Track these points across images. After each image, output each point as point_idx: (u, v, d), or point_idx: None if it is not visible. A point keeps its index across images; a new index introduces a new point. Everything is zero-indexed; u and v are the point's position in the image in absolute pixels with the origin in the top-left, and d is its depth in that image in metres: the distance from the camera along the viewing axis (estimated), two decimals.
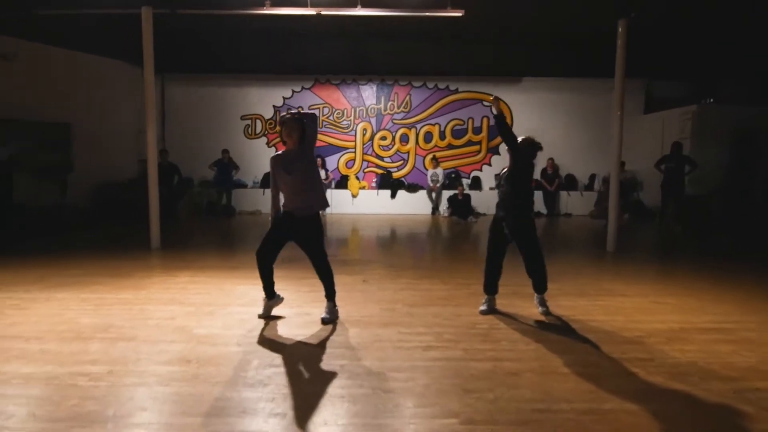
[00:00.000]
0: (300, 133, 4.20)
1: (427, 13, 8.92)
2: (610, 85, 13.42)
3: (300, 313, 4.51)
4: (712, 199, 10.81)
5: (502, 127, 4.22)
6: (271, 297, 4.48)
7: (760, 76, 12.20)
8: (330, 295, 4.41)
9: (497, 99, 4.36)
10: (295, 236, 4.31)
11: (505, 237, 4.46)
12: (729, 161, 11.37)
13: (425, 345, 3.72)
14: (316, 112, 13.35)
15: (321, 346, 3.71)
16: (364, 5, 8.65)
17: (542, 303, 4.55)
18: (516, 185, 4.36)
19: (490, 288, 4.62)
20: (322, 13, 8.73)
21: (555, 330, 4.11)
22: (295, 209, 4.21)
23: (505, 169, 4.50)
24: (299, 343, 3.78)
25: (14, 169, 8.86)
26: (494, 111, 4.30)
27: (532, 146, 4.43)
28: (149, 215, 7.85)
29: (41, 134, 10.33)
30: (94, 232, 9.32)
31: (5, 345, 3.63)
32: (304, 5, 8.64)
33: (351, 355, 3.51)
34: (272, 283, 4.42)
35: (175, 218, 11.38)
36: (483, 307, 4.57)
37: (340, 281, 5.55)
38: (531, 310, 4.61)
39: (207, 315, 4.40)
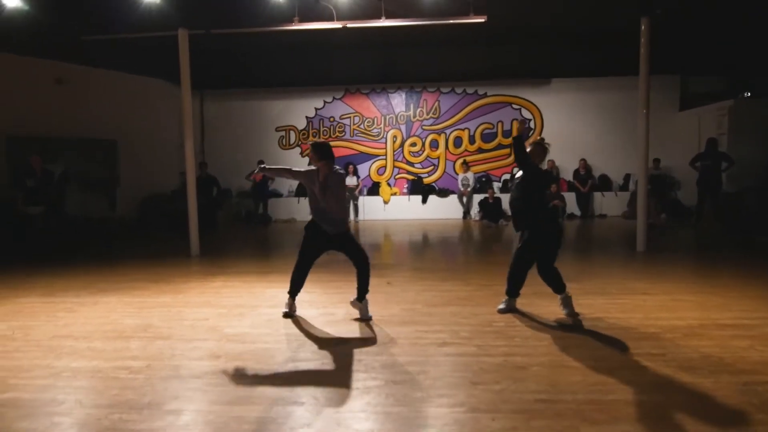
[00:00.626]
0: (320, 155, 4.45)
1: (450, 21, 9.10)
2: (638, 82, 13.36)
3: (324, 313, 4.74)
4: (748, 195, 10.48)
5: (516, 147, 4.42)
6: (294, 296, 4.74)
7: None
8: (363, 294, 4.58)
9: (522, 123, 4.50)
10: (332, 246, 4.59)
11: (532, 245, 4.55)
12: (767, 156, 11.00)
13: (440, 341, 3.88)
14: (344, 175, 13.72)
15: (341, 343, 3.92)
16: (388, 16, 8.91)
17: (566, 304, 4.53)
18: (525, 191, 4.49)
19: (513, 291, 4.72)
20: (348, 25, 9.05)
21: (569, 328, 4.19)
22: (327, 227, 4.48)
23: (519, 173, 4.62)
24: (321, 340, 4.00)
25: (67, 183, 9.50)
26: (514, 132, 4.47)
27: (542, 148, 4.53)
28: (189, 225, 8.28)
29: (91, 151, 11.05)
30: (139, 242, 9.88)
31: (57, 344, 4.00)
32: (330, 19, 8.97)
33: (368, 351, 3.71)
34: (300, 287, 4.75)
35: (214, 227, 11.90)
36: (501, 306, 4.68)
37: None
38: (549, 308, 4.69)
39: (237, 316, 4.69)
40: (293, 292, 4.78)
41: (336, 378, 3.27)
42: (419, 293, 5.37)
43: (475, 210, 12.96)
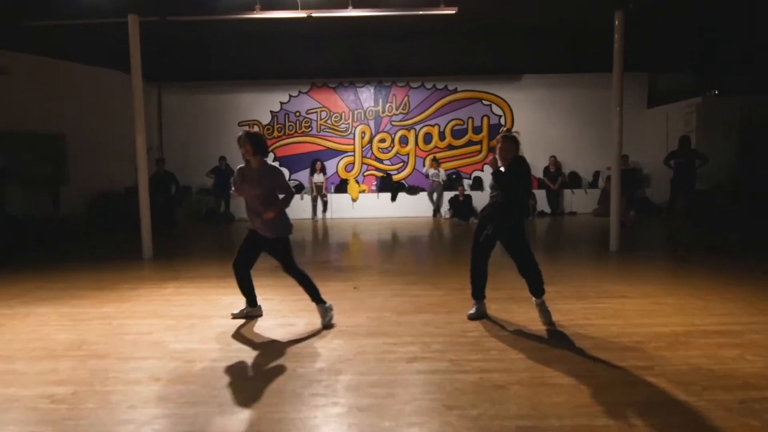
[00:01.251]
0: (257, 148, 4.12)
1: (419, 12, 8.75)
2: (609, 80, 13.31)
3: (284, 323, 4.33)
4: (719, 193, 10.51)
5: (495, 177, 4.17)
6: (254, 305, 4.50)
7: (765, 65, 11.88)
8: (318, 297, 4.33)
9: (495, 161, 4.20)
10: (266, 249, 4.34)
11: (489, 238, 4.24)
12: (736, 154, 11.06)
13: (410, 356, 3.52)
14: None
15: (300, 359, 3.52)
16: (356, 6, 8.49)
17: (543, 310, 4.27)
18: (507, 189, 4.16)
19: (478, 293, 4.42)
20: (313, 15, 8.60)
21: (549, 337, 3.90)
22: (258, 228, 4.26)
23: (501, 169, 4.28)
24: (278, 357, 3.59)
25: (6, 181, 8.77)
26: (492, 168, 4.18)
27: (514, 141, 4.21)
28: (140, 225, 7.72)
29: (36, 146, 10.28)
30: (88, 244, 9.22)
31: None
32: (294, 8, 8.50)
33: (331, 370, 3.32)
34: (253, 293, 4.46)
35: (172, 226, 11.28)
36: (471, 311, 4.37)
37: (330, 289, 5.40)
38: (526, 315, 4.40)
39: (186, 329, 4.23)
40: (248, 300, 4.47)
41: (292, 405, 2.87)
42: (387, 299, 5.01)
43: (445, 208, 12.69)
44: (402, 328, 4.13)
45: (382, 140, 13.47)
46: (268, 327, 4.24)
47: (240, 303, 4.69)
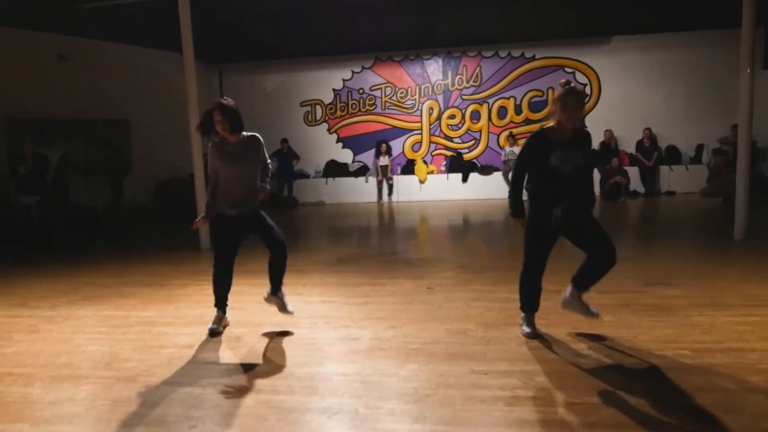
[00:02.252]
0: (236, 125, 3.58)
1: None
2: (716, 38, 11.59)
3: (345, 336, 3.57)
4: None
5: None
6: (222, 308, 3.84)
7: None
8: (280, 286, 3.84)
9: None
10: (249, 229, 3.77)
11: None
12: None
13: (509, 394, 2.65)
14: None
15: (365, 394, 2.75)
16: None
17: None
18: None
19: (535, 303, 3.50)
20: None
21: (692, 366, 2.89)
22: (235, 212, 3.67)
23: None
24: (338, 390, 2.84)
25: (67, 169, 8.64)
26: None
27: (577, 95, 3.23)
28: (198, 212, 7.25)
29: (100, 132, 10.16)
30: (149, 234, 8.97)
31: None
32: None
33: (403, 413, 2.52)
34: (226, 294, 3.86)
35: None
36: (527, 329, 3.44)
37: (398, 288, 4.62)
38: (651, 331, 3.39)
39: (232, 341, 3.58)
40: (220, 303, 3.82)
41: None
42: (469, 305, 4.14)
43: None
44: (492, 348, 3.26)
45: (452, 116, 12.44)
46: (326, 340, 3.50)
47: (301, 306, 4.00)
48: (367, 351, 3.29)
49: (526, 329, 3.45)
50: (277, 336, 3.63)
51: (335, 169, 12.55)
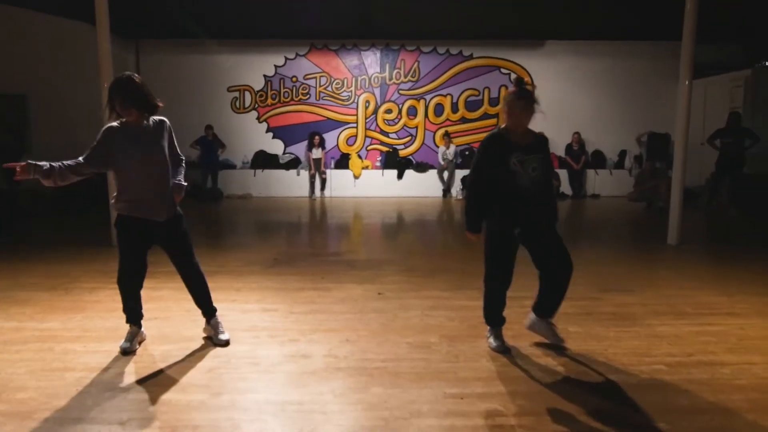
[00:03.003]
0: (130, 101, 2.89)
1: None
2: (643, 49, 12.16)
3: (294, 353, 3.11)
4: None
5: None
6: (140, 327, 3.27)
7: None
8: (212, 306, 3.34)
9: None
10: (158, 240, 3.16)
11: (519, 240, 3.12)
12: None
13: (493, 423, 2.34)
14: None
15: (325, 420, 2.32)
16: None
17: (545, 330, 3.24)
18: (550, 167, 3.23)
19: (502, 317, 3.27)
20: None
21: (672, 387, 2.74)
22: (146, 214, 3.01)
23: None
24: (289, 421, 2.39)
25: None
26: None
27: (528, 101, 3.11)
28: (111, 204, 6.41)
29: None
30: (50, 225, 7.91)
31: None
32: None
33: None
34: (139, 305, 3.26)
35: None
36: (495, 343, 3.19)
37: (349, 294, 4.22)
38: (625, 342, 3.24)
39: (156, 360, 3.00)
40: (132, 316, 3.22)
41: None
42: (427, 313, 3.82)
43: (457, 188, 11.49)
44: (462, 365, 2.95)
45: (389, 111, 12.14)
46: (273, 358, 3.03)
47: (236, 317, 3.49)
48: (322, 371, 2.86)
49: (494, 343, 3.18)
50: (211, 354, 3.10)
51: (264, 160, 11.85)
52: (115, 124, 2.98)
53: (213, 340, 3.27)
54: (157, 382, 2.75)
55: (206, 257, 5.52)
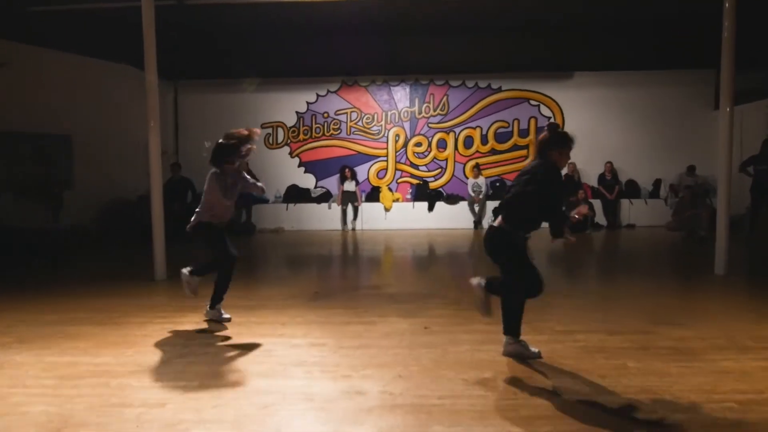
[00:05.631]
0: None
1: None
2: (674, 78, 12.12)
3: (348, 389, 3.07)
4: None
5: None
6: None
7: None
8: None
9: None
10: None
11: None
12: None
13: None
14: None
15: None
16: None
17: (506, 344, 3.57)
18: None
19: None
20: None
21: (751, 428, 2.61)
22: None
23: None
24: None
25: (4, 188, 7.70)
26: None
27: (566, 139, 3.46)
28: (153, 239, 6.56)
29: (39, 148, 9.21)
30: (92, 260, 8.09)
31: None
32: None
33: None
34: None
35: (189, 239, 10.13)
36: (535, 350, 3.55)
37: (395, 328, 4.20)
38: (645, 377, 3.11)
39: (213, 396, 3.00)
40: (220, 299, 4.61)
41: None
42: (478, 347, 3.74)
43: (488, 219, 11.42)
44: (522, 402, 2.86)
45: (418, 144, 12.25)
46: (327, 395, 2.99)
47: (284, 351, 3.49)
48: (379, 409, 2.81)
49: (534, 350, 3.48)
50: (264, 389, 3.08)
51: (296, 195, 12.02)
52: (217, 171, 4.37)
53: (218, 319, 4.40)
54: (215, 416, 2.73)
55: (245, 291, 5.58)
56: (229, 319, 4.46)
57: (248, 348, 3.81)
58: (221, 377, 3.28)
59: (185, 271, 4.56)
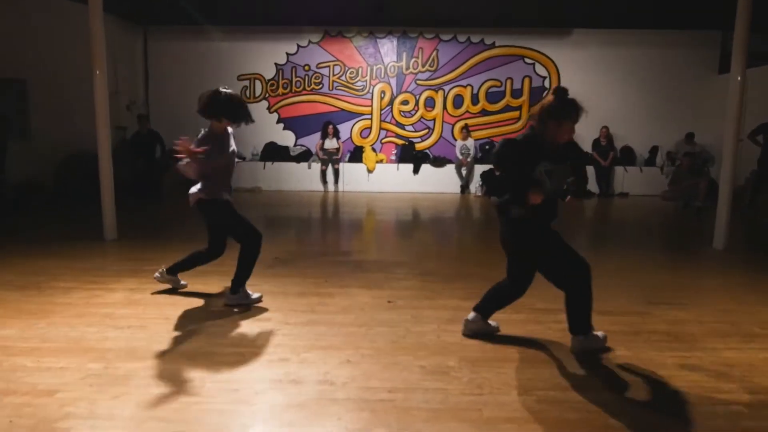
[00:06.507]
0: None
1: None
2: (677, 39, 11.40)
3: (282, 376, 2.56)
4: None
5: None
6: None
7: None
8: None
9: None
10: None
11: None
12: None
13: None
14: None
15: None
16: None
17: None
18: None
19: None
20: None
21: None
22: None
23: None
24: None
25: None
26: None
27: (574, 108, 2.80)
28: (102, 197, 5.97)
29: None
30: (42, 218, 7.48)
31: None
32: None
33: None
34: None
35: (156, 197, 9.54)
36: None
37: (355, 301, 3.71)
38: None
39: (115, 384, 2.48)
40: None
41: None
42: (444, 329, 3.24)
43: (475, 184, 10.86)
44: (487, 398, 2.37)
45: (405, 102, 11.54)
46: (255, 384, 2.48)
47: (220, 322, 2.97)
48: (313, 404, 2.31)
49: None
50: (183, 376, 2.57)
51: (275, 153, 11.34)
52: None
53: (247, 302, 3.64)
54: (111, 413, 2.22)
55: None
56: (259, 299, 3.69)
57: (181, 323, 3.29)
58: (134, 359, 2.75)
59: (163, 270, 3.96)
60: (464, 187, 11.02)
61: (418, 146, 11.52)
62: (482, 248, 5.88)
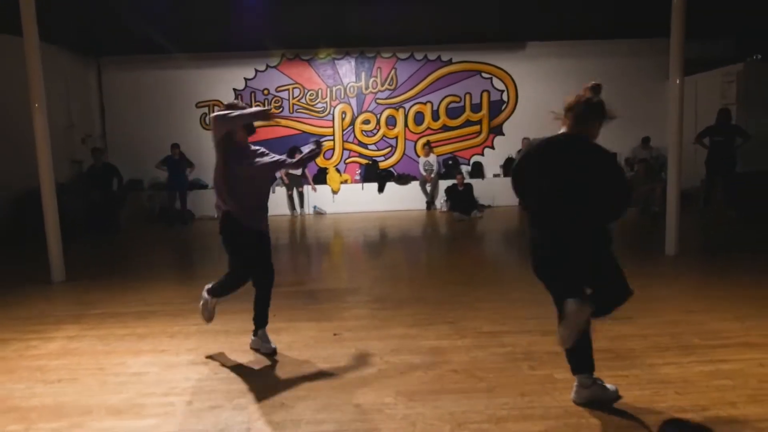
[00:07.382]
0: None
1: None
2: (626, 47, 11.72)
3: (210, 430, 2.48)
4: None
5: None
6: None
7: None
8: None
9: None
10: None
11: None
12: None
13: None
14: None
15: None
16: None
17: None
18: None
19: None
20: None
21: None
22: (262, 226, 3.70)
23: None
24: None
25: None
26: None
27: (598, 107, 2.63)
28: (48, 237, 5.81)
29: None
30: None
31: None
32: None
33: None
34: None
35: (114, 231, 9.32)
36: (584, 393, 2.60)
37: (300, 337, 3.69)
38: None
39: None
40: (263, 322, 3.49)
41: None
42: (386, 358, 3.20)
43: (441, 199, 10.91)
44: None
45: (366, 121, 11.58)
46: None
47: (155, 369, 2.87)
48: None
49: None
50: (105, 430, 2.47)
51: None
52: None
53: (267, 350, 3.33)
54: None
55: (146, 293, 4.93)
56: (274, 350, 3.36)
57: (116, 371, 3.17)
58: (59, 417, 2.63)
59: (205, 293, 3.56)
60: (430, 203, 11.06)
61: (382, 165, 11.55)
62: (442, 266, 5.87)
